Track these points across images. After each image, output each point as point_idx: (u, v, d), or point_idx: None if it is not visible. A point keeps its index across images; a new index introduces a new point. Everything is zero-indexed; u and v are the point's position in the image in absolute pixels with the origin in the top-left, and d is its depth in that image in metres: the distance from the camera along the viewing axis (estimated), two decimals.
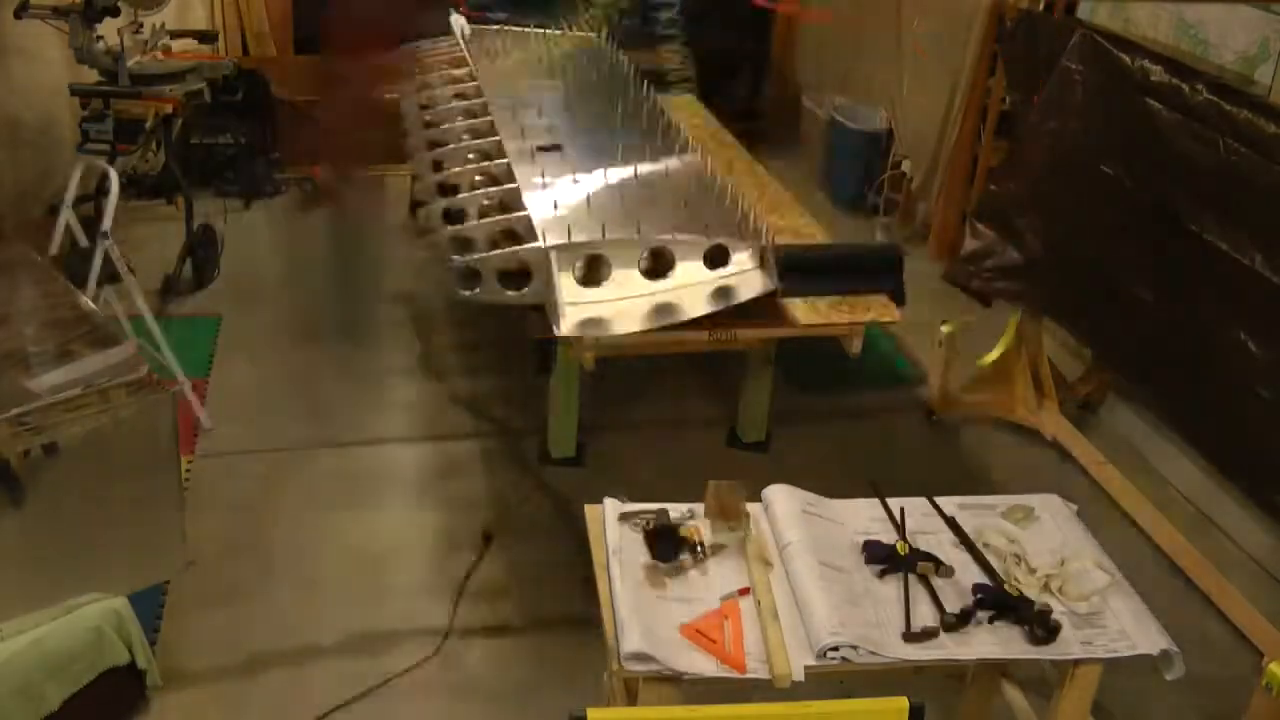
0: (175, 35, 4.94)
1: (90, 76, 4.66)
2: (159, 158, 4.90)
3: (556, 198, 3.34)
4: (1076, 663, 2.27)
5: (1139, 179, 3.56)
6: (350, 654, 3.12)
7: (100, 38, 4.54)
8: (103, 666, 2.73)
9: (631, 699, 2.22)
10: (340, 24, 3.41)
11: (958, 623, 2.22)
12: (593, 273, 3.11)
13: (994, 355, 4.32)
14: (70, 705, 2.65)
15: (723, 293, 3.16)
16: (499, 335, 4.38)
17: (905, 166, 5.76)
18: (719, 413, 4.25)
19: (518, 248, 3.10)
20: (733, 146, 4.44)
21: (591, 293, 3.07)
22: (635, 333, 3.04)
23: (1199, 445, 3.64)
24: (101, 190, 4.31)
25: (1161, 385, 3.66)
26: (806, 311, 3.22)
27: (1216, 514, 3.81)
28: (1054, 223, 3.99)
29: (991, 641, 2.22)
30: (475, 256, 3.08)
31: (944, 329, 4.23)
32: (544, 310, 3.12)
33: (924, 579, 2.32)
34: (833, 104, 6.32)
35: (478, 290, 3.08)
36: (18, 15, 4.51)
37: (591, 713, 1.89)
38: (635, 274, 3.13)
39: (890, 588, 2.31)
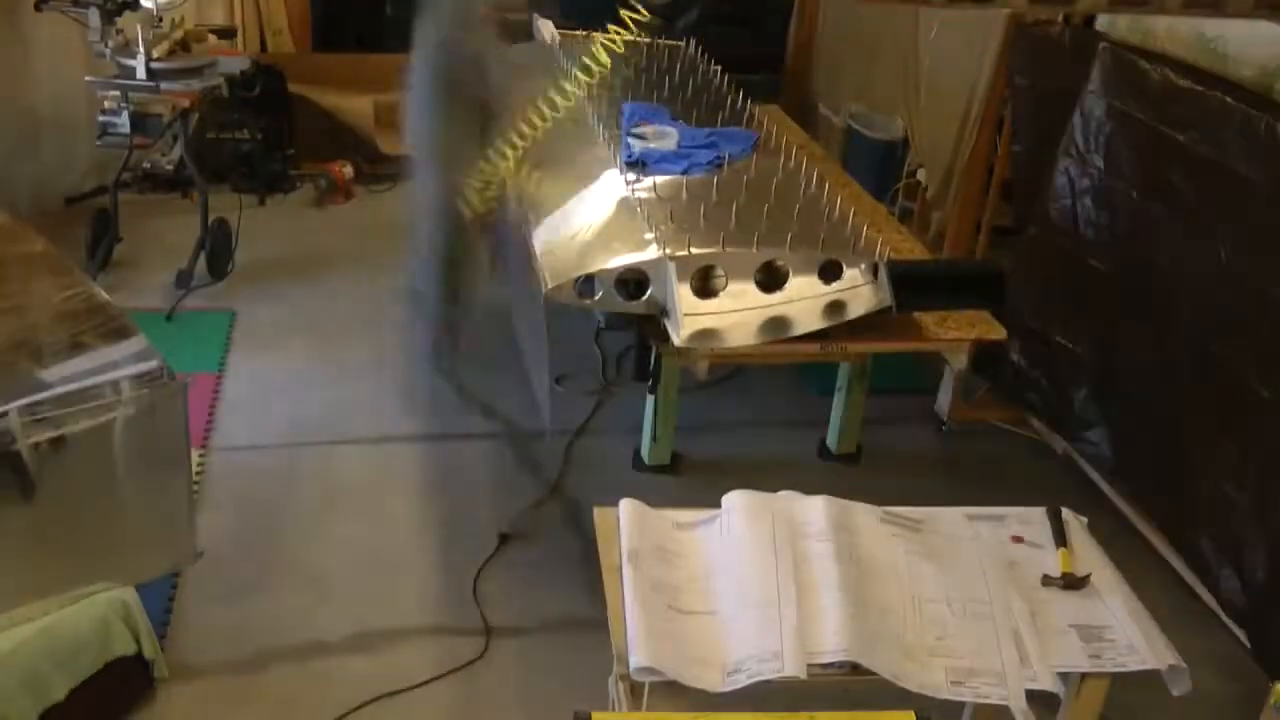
0: (193, 31, 4.96)
1: (108, 70, 4.68)
2: (175, 152, 4.92)
3: (671, 208, 3.33)
4: (1084, 676, 2.27)
5: None
6: (358, 653, 3.12)
7: (119, 31, 4.56)
8: (109, 656, 2.73)
9: (637, 700, 2.22)
10: None
11: None
12: (708, 284, 3.12)
13: None
14: (77, 695, 2.66)
15: (835, 307, 3.17)
16: (508, 335, 4.38)
17: (920, 175, 5.74)
18: (808, 422, 4.23)
19: (637, 257, 3.09)
20: (823, 157, 4.44)
21: (708, 304, 3.09)
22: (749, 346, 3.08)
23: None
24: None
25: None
26: (933, 326, 3.29)
27: None
28: None
29: None
30: (597, 268, 3.07)
31: None
32: (647, 320, 3.17)
33: None
34: (849, 111, 6.31)
35: (598, 297, 3.09)
36: (38, 7, 4.54)
37: (596, 716, 1.89)
38: (750, 286, 3.13)
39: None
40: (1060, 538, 2.54)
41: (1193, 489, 3.46)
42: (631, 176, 3.51)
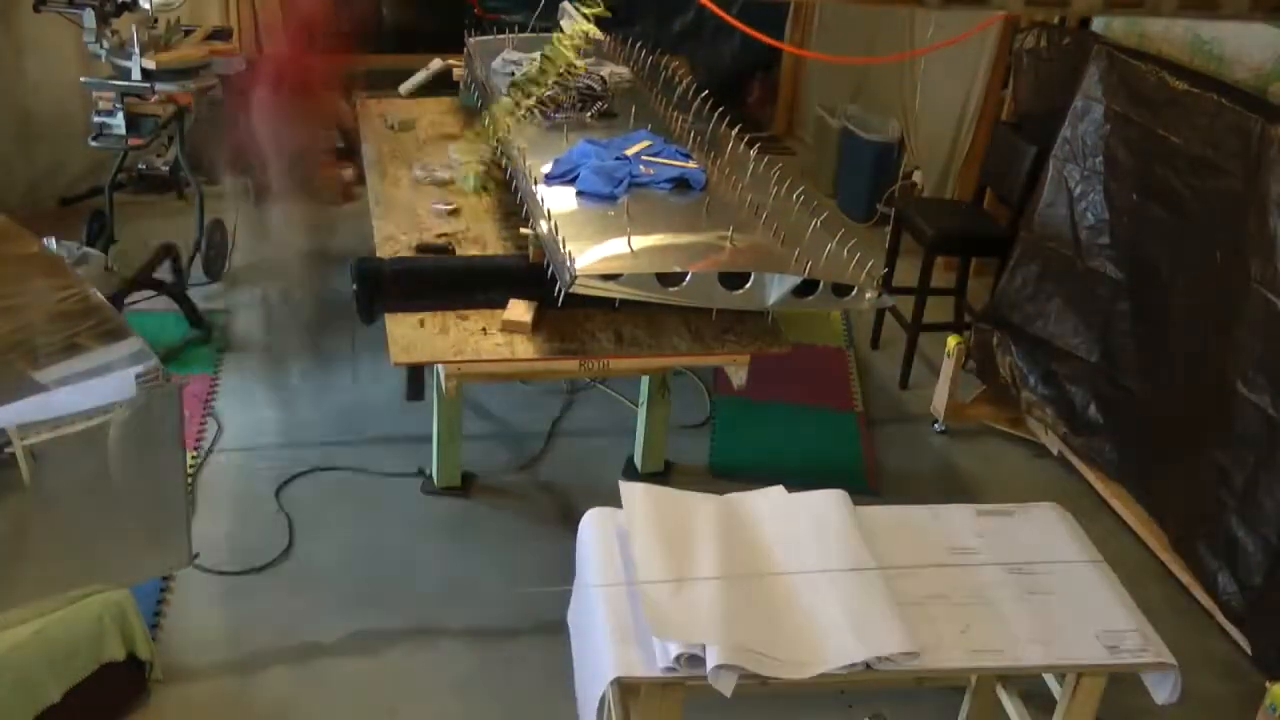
0: (189, 31, 4.95)
1: (104, 71, 4.67)
2: (171, 153, 4.91)
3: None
4: (1079, 675, 2.27)
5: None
6: (353, 655, 3.12)
7: (115, 32, 4.55)
8: (104, 659, 2.73)
9: (632, 703, 2.21)
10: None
11: None
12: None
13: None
14: (71, 698, 2.66)
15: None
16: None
17: (916, 177, 5.75)
18: (618, 436, 4.11)
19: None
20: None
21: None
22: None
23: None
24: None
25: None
26: (690, 341, 3.16)
27: None
28: None
29: None
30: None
31: (951, 340, 4.22)
32: None
33: None
34: (845, 113, 6.32)
35: None
36: (37, 9, 4.53)
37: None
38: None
39: None
40: None
41: (1189, 491, 3.47)
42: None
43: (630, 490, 2.53)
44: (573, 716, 2.48)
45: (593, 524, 2.57)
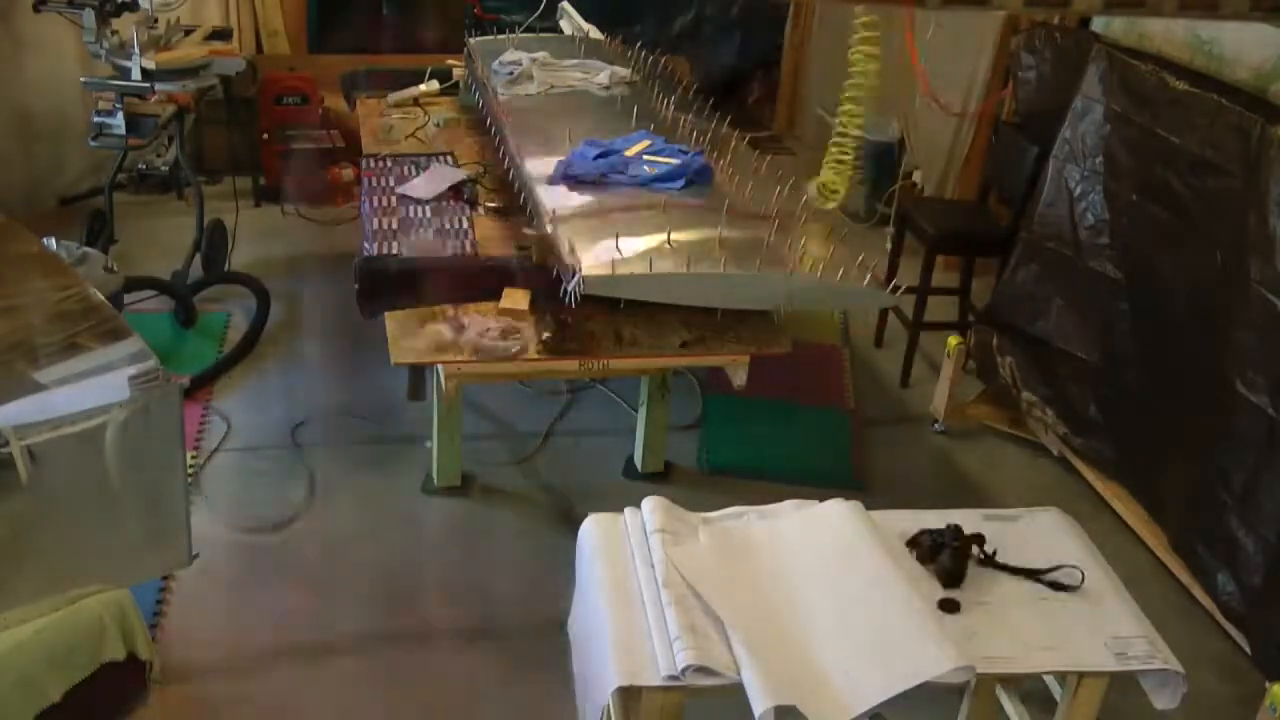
0: (189, 31, 4.95)
1: (104, 71, 4.67)
2: (171, 153, 4.91)
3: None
4: (1080, 676, 2.27)
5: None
6: (351, 654, 3.12)
7: (115, 32, 4.55)
8: (104, 658, 2.73)
9: (631, 707, 2.21)
10: None
11: None
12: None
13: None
14: (71, 697, 2.65)
15: None
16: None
17: (916, 177, 5.75)
18: (617, 435, 4.11)
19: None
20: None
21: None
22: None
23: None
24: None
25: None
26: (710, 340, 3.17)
27: None
28: None
29: None
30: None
31: (952, 341, 4.22)
32: None
33: None
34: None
35: None
36: (37, 9, 4.53)
37: None
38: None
39: None
40: None
41: (1189, 491, 3.47)
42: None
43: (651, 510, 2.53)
44: (573, 716, 2.48)
45: (593, 530, 2.56)
